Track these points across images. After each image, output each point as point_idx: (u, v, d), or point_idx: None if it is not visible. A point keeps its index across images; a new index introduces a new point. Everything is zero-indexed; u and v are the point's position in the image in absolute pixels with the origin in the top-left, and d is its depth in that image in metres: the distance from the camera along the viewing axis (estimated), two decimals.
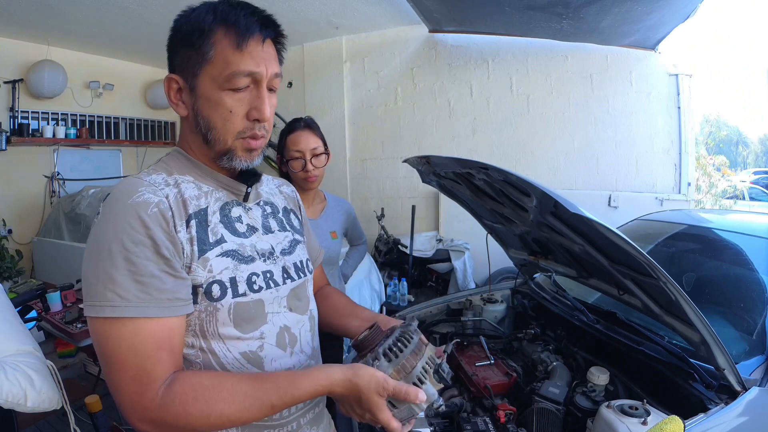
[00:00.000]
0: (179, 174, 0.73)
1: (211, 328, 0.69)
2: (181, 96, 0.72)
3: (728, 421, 0.97)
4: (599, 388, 1.17)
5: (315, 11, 3.69)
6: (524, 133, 3.99)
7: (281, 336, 0.76)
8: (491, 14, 3.35)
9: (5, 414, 1.39)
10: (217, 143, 0.72)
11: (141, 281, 0.61)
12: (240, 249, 0.73)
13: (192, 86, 0.71)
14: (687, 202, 3.57)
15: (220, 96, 0.69)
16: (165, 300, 0.63)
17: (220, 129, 0.71)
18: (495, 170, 1.13)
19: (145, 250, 0.62)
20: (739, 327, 1.35)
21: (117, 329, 0.61)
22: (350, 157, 4.65)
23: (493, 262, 1.81)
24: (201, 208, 0.72)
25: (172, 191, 0.70)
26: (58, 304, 2.29)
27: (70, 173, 4.38)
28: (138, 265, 0.62)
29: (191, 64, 0.69)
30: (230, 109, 0.69)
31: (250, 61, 0.68)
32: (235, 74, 0.68)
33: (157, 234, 0.64)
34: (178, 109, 0.73)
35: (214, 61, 0.68)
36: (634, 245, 0.92)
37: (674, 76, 3.56)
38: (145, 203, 0.65)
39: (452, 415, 1.19)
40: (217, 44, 0.67)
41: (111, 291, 0.60)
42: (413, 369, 0.67)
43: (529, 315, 1.70)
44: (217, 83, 0.68)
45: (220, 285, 0.69)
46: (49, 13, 3.37)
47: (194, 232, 0.69)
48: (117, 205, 0.65)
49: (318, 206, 1.71)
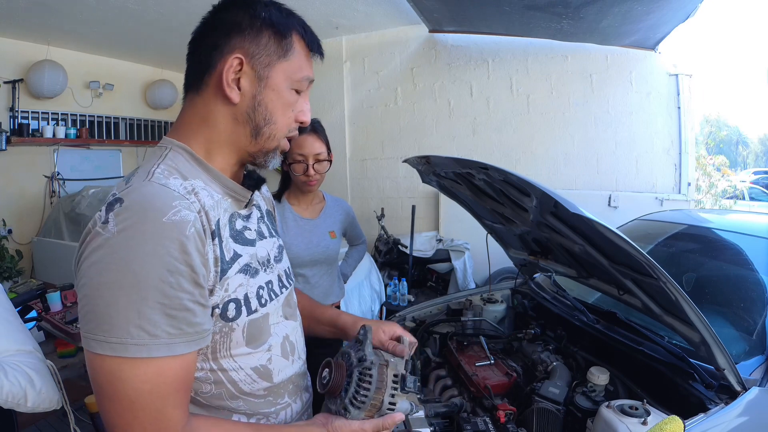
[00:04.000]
0: (192, 178, 0.66)
1: (224, 349, 0.66)
2: (239, 81, 0.67)
3: (728, 421, 0.97)
4: (599, 388, 1.17)
5: (315, 11, 3.69)
6: (524, 133, 3.99)
7: (284, 346, 0.76)
8: (491, 14, 3.35)
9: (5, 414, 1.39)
10: (270, 139, 0.70)
11: (173, 315, 0.55)
12: (251, 261, 0.70)
13: (262, 75, 0.68)
14: (687, 202, 3.57)
15: (290, 93, 0.70)
16: (193, 333, 0.57)
17: (279, 124, 0.70)
18: (495, 170, 1.13)
19: (182, 280, 0.55)
20: (739, 327, 1.35)
21: (140, 370, 0.53)
22: (350, 157, 4.65)
23: (493, 262, 1.81)
24: (217, 219, 0.66)
25: (198, 202, 0.63)
26: (58, 304, 2.29)
27: (70, 173, 4.38)
28: (172, 298, 0.55)
29: (269, 53, 0.68)
30: (293, 107, 0.71)
31: (311, 70, 0.73)
32: (306, 78, 0.72)
33: (195, 260, 0.57)
34: (231, 93, 0.66)
35: (291, 59, 0.69)
36: (634, 245, 0.92)
37: (674, 76, 3.57)
38: (183, 222, 0.57)
39: (452, 415, 1.18)
40: (295, 44, 0.70)
41: (137, 327, 0.52)
42: (382, 404, 0.71)
43: (529, 315, 1.70)
44: (289, 81, 0.70)
45: (236, 303, 0.66)
46: (49, 13, 3.37)
47: (218, 250, 0.63)
48: (149, 223, 0.55)
49: (317, 206, 1.72)
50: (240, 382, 0.68)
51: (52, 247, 3.73)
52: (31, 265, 4.11)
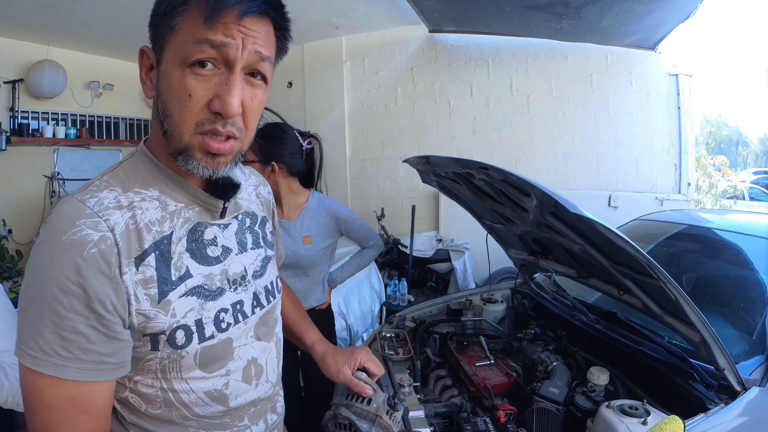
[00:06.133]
0: (140, 187, 0.60)
1: (174, 372, 0.61)
2: (151, 74, 0.59)
3: (728, 421, 0.97)
4: (599, 388, 1.17)
5: (315, 11, 3.69)
6: (524, 133, 3.98)
7: (248, 370, 0.70)
8: (491, 14, 3.35)
9: (5, 414, 1.39)
10: (173, 137, 0.57)
11: (64, 336, 0.52)
12: (207, 283, 0.63)
13: (159, 59, 0.57)
14: (687, 202, 3.57)
15: (182, 74, 0.54)
16: (89, 362, 0.54)
17: (176, 117, 0.56)
18: (495, 170, 1.13)
19: (74, 301, 0.52)
20: (739, 327, 1.35)
21: (35, 379, 0.53)
22: (350, 157, 4.65)
23: (493, 262, 1.81)
24: (164, 235, 0.60)
25: (123, 218, 0.57)
26: None
27: (70, 173, 4.37)
28: (63, 318, 0.52)
29: (162, 33, 0.57)
30: (189, 92, 0.54)
31: (222, 31, 0.54)
32: (203, 41, 0.53)
33: (90, 283, 0.52)
34: (146, 89, 0.59)
35: (180, 29, 0.55)
36: (634, 245, 0.92)
37: (674, 76, 3.56)
38: (81, 242, 0.53)
39: (452, 415, 1.18)
40: (187, 12, 0.54)
41: (34, 339, 0.52)
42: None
43: (529, 315, 1.70)
44: (180, 57, 0.55)
45: (185, 330, 0.60)
46: (49, 13, 3.37)
47: (152, 271, 0.58)
48: (49, 242, 0.53)
49: (298, 209, 1.63)
50: (192, 405, 0.64)
51: None
52: None
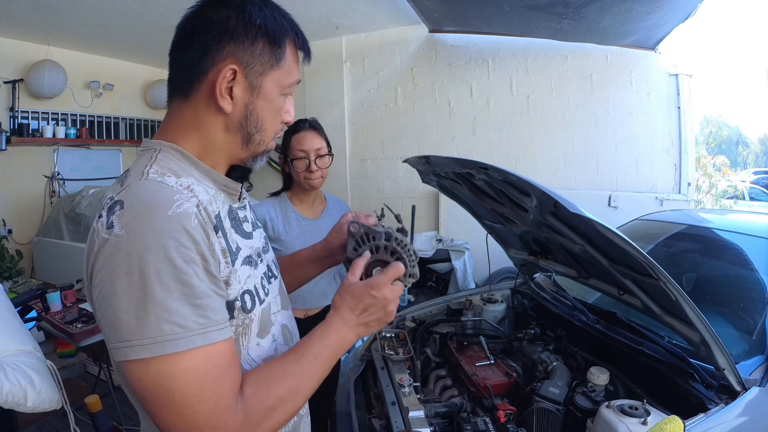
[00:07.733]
0: (185, 176, 0.65)
1: (244, 339, 0.66)
2: (231, 91, 0.65)
3: (728, 421, 0.97)
4: (599, 388, 1.17)
5: (315, 11, 3.68)
6: (524, 133, 3.98)
7: (285, 334, 0.77)
8: (491, 14, 3.35)
9: (5, 414, 1.39)
10: (261, 144, 0.71)
11: (197, 304, 0.54)
12: (251, 254, 0.71)
13: (255, 84, 0.67)
14: (687, 202, 3.56)
15: (280, 99, 0.71)
16: (221, 321, 0.58)
17: (269, 130, 0.71)
18: (495, 170, 1.13)
19: (197, 269, 0.56)
20: (739, 327, 1.35)
21: (186, 363, 0.53)
22: (350, 157, 4.64)
23: (493, 262, 1.81)
24: (216, 213, 0.65)
25: (194, 197, 0.62)
26: (58, 304, 2.29)
27: (70, 173, 4.37)
28: (194, 287, 0.54)
29: (262, 62, 0.66)
30: (280, 110, 0.71)
31: (299, 72, 0.72)
32: (296, 82, 0.72)
33: (203, 249, 0.57)
34: (224, 103, 0.65)
35: (283, 67, 0.69)
36: (634, 245, 0.92)
37: (674, 76, 3.56)
38: (187, 214, 0.57)
39: (452, 415, 1.19)
40: (288, 51, 0.69)
41: (167, 322, 0.52)
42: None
43: (529, 315, 1.70)
44: (280, 88, 0.70)
45: (250, 294, 0.67)
46: (49, 13, 3.37)
47: (224, 241, 0.64)
48: (156, 219, 0.54)
49: (319, 207, 1.72)
50: None
51: (52, 247, 3.73)
52: (31, 265, 4.11)
